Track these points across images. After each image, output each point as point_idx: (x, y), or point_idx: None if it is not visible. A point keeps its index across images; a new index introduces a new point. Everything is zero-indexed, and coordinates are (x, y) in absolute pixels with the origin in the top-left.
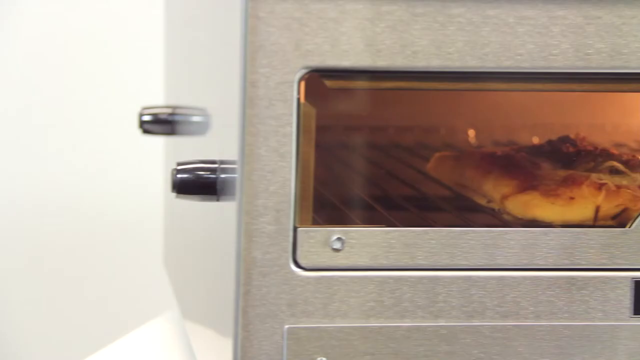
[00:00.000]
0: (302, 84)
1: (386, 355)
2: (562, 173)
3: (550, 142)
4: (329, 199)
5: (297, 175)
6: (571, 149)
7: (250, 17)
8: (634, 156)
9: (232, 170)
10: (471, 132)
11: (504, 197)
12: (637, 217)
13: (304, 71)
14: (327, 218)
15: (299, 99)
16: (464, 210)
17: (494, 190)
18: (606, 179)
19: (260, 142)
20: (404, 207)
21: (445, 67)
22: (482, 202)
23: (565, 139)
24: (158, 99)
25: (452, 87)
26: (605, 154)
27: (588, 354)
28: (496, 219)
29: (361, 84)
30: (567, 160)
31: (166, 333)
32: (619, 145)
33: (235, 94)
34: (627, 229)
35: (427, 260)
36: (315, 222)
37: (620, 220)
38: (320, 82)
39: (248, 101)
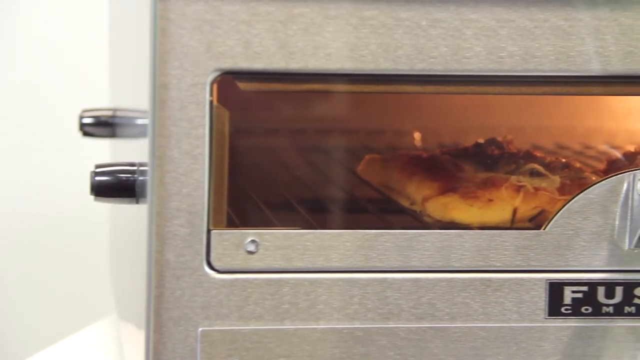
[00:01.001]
0: (215, 86)
1: (301, 358)
2: (483, 175)
3: (477, 144)
4: (246, 201)
5: (210, 177)
6: (496, 152)
7: (161, 19)
8: (556, 158)
9: (147, 173)
10: (402, 135)
11: (425, 199)
12: (552, 219)
13: (216, 73)
14: (244, 220)
15: (211, 101)
16: (389, 213)
17: (416, 192)
18: (526, 181)
19: (173, 144)
20: (327, 210)
21: (358, 69)
22: (406, 204)
23: (492, 142)
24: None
25: (365, 90)
26: (528, 156)
27: (503, 356)
28: (418, 221)
29: (275, 86)
30: (490, 163)
31: (104, 337)
32: (561, 147)
33: (147, 96)
34: (541, 230)
35: (342, 262)
36: (232, 225)
37: (537, 222)
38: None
39: (159, 103)
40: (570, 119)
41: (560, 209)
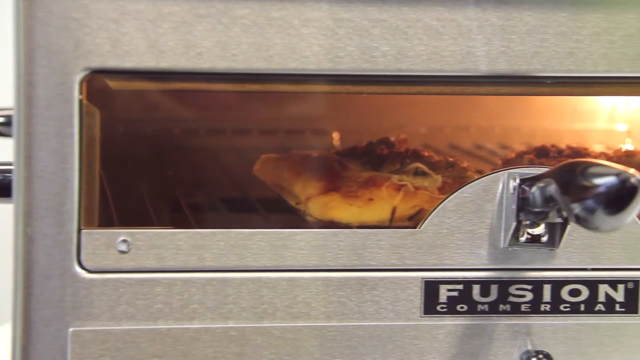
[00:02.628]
0: (84, 84)
1: (174, 358)
2: (367, 175)
3: (370, 143)
4: (125, 201)
5: (80, 177)
6: (385, 151)
7: (28, 17)
8: (445, 158)
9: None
10: (295, 134)
11: (308, 199)
12: (427, 217)
13: (85, 72)
14: (123, 220)
15: (81, 100)
16: (280, 212)
17: (302, 191)
18: (408, 180)
19: (41, 143)
20: (211, 209)
21: (230, 68)
22: (294, 203)
23: (383, 141)
24: None
25: (239, 89)
26: (415, 156)
27: (379, 354)
28: (302, 220)
29: (146, 84)
30: (377, 162)
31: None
32: (478, 146)
33: (14, 94)
34: (416, 229)
35: (216, 262)
36: (106, 224)
37: (416, 221)
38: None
39: (25, 101)
40: (490, 119)
41: (436, 208)
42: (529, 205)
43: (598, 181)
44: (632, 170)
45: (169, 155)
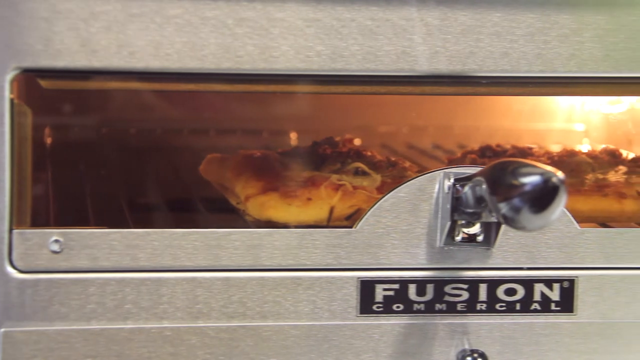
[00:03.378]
0: (16, 84)
1: (108, 358)
2: (306, 174)
3: (315, 143)
4: (60, 201)
5: (12, 176)
6: (328, 151)
7: None
8: (387, 157)
9: None
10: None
11: (247, 198)
12: (363, 217)
13: (16, 71)
14: (58, 221)
15: (12, 99)
16: (222, 212)
17: (242, 191)
18: (348, 180)
19: None
20: (152, 209)
21: (164, 68)
22: (235, 203)
23: (327, 141)
24: None
25: (172, 88)
26: (357, 155)
27: (315, 354)
28: (242, 219)
29: (79, 84)
30: (319, 162)
31: None
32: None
33: None
34: (352, 229)
35: (150, 262)
36: (42, 224)
37: (353, 220)
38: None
39: None
40: (449, 119)
41: (371, 208)
42: (462, 205)
43: (524, 180)
44: (556, 171)
45: (109, 154)
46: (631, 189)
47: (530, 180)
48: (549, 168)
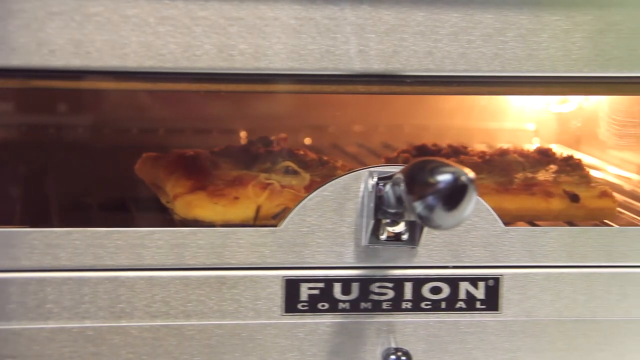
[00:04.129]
0: None
1: (29, 358)
2: (235, 173)
3: (250, 142)
4: None
5: None
6: (261, 150)
7: None
8: (319, 156)
9: None
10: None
11: (175, 197)
12: (287, 216)
13: None
14: None
15: None
16: (153, 211)
17: (172, 190)
18: (278, 179)
19: None
20: (81, 208)
21: (85, 66)
22: (165, 201)
23: (261, 140)
24: None
25: (93, 87)
26: (288, 155)
27: (239, 353)
28: (171, 219)
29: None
30: (250, 161)
31: None
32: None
33: None
34: (277, 228)
35: (71, 261)
36: None
37: (280, 219)
38: None
39: None
40: (400, 118)
41: (296, 206)
42: (384, 205)
43: (438, 178)
44: (467, 170)
45: (42, 153)
46: (558, 188)
47: (443, 178)
48: (460, 167)
